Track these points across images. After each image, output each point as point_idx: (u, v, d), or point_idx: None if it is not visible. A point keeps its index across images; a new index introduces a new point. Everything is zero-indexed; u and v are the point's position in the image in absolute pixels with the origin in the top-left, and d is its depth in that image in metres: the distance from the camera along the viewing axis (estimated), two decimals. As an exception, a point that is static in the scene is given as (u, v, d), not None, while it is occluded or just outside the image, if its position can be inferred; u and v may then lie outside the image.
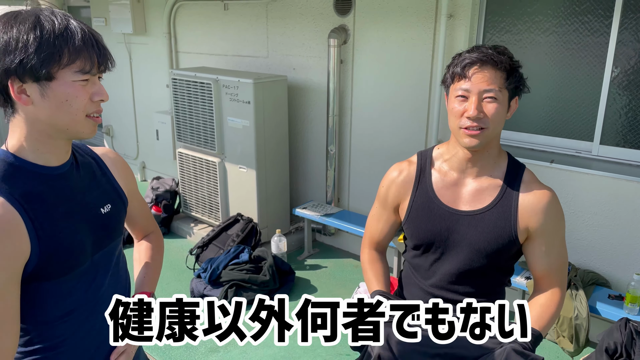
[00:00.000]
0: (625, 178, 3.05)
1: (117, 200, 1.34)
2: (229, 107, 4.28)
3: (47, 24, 1.06)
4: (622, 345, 2.49)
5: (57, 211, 1.15)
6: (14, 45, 1.04)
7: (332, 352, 3.22)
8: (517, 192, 1.46)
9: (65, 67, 1.07)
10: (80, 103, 1.10)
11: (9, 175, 1.10)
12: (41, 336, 1.20)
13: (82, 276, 1.21)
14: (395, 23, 3.82)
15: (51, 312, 1.18)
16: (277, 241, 4.19)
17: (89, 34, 1.10)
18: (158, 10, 5.59)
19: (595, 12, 3.15)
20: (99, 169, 1.32)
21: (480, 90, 1.37)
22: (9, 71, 1.05)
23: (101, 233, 1.26)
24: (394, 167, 1.62)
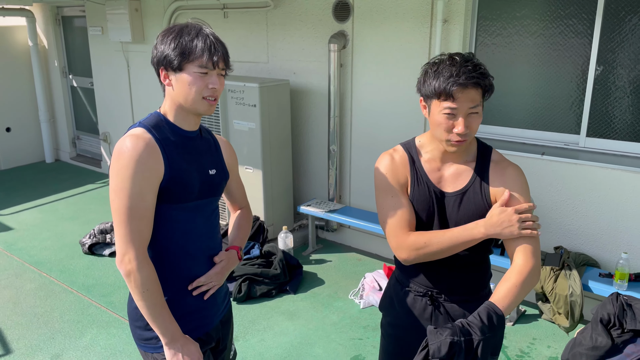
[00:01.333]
0: (611, 167, 3.33)
1: (221, 169, 1.76)
2: (234, 110, 4.47)
3: (185, 33, 1.54)
4: (615, 315, 2.75)
5: (182, 157, 1.60)
6: (162, 45, 1.56)
7: (345, 338, 3.42)
8: (487, 170, 1.67)
9: (190, 63, 1.53)
10: (198, 87, 1.55)
11: (157, 126, 1.59)
12: (153, 254, 1.62)
13: (190, 210, 1.63)
14: (392, 28, 4.07)
15: (160, 231, 1.60)
16: (284, 237, 4.39)
17: (210, 42, 1.55)
18: (157, 19, 5.75)
19: (579, 16, 3.43)
20: (214, 146, 1.79)
21: (467, 109, 1.53)
22: (159, 62, 1.57)
23: (205, 185, 1.67)
24: (383, 156, 1.73)
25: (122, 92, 6.46)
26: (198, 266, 1.69)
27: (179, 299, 1.67)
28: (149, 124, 1.58)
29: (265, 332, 3.50)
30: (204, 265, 1.71)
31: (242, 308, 3.79)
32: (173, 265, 1.64)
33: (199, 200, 1.65)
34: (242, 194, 1.99)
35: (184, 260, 1.65)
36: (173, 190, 1.56)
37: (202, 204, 1.67)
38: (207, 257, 1.72)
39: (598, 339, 2.71)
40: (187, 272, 1.67)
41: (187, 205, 1.62)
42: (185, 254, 1.65)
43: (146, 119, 1.60)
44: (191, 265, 1.67)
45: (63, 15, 7.25)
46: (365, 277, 4.03)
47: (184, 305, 1.68)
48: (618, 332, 2.72)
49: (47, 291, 4.03)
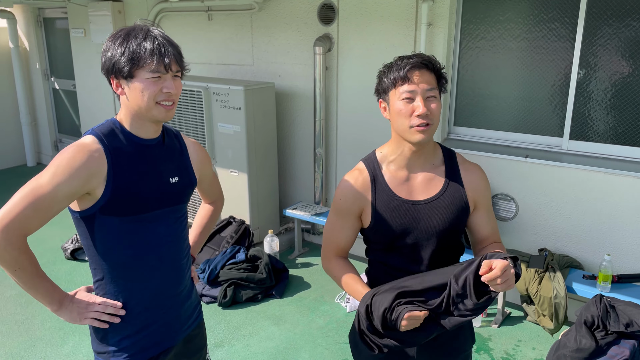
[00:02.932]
0: (593, 169, 3.36)
1: (185, 176, 1.70)
2: (219, 113, 4.44)
3: (132, 37, 1.47)
4: (599, 317, 2.77)
5: (135, 168, 1.54)
6: (110, 53, 1.48)
7: (331, 342, 3.41)
8: (458, 172, 1.70)
9: (141, 69, 1.47)
10: (151, 93, 1.48)
11: (111, 134, 1.53)
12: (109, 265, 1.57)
13: (143, 222, 1.57)
14: (377, 31, 4.07)
15: (116, 242, 1.55)
16: (270, 241, 4.36)
17: (160, 44, 1.47)
18: (140, 21, 5.69)
19: (561, 20, 3.46)
20: (180, 150, 1.71)
21: (424, 90, 1.55)
22: (108, 71, 1.50)
23: (165, 196, 1.62)
24: (347, 178, 1.71)
25: (105, 95, 6.38)
26: (160, 277, 1.63)
27: (139, 311, 1.62)
28: (101, 132, 1.52)
29: (251, 337, 3.47)
30: (168, 275, 1.65)
31: (227, 313, 3.76)
32: (133, 276, 1.59)
33: (158, 210, 1.59)
34: (215, 190, 1.96)
35: (144, 271, 1.60)
36: (121, 202, 1.51)
37: (162, 214, 1.61)
38: (171, 267, 1.65)
39: (582, 341, 2.73)
40: (148, 283, 1.61)
41: (144, 217, 1.56)
42: (146, 265, 1.59)
43: (100, 126, 1.54)
44: (152, 277, 1.61)
45: (44, 17, 7.15)
46: (352, 280, 4.01)
47: (144, 318, 1.63)
48: (602, 334, 2.74)
49: (28, 298, 3.95)
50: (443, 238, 1.66)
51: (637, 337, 2.72)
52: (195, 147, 1.79)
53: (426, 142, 1.60)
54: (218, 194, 1.99)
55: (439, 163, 1.70)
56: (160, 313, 1.65)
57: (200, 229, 1.97)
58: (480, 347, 3.34)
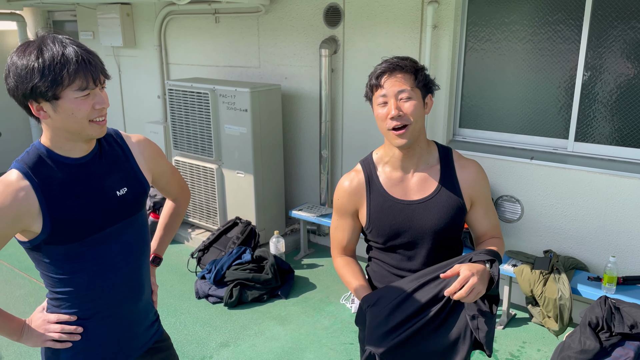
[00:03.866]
0: (599, 171, 3.37)
1: (135, 184, 1.58)
2: (226, 115, 4.48)
3: (47, 54, 1.30)
4: (603, 319, 2.77)
5: (71, 193, 1.42)
6: (25, 74, 1.30)
7: (336, 342, 3.43)
8: (453, 170, 1.72)
9: (67, 89, 1.32)
10: (83, 113, 1.35)
11: (38, 163, 1.40)
12: (63, 286, 1.50)
13: (92, 244, 1.47)
14: (383, 33, 4.09)
15: (68, 268, 1.46)
16: (276, 242, 4.39)
17: (83, 56, 1.33)
18: (148, 23, 5.75)
19: (566, 22, 3.47)
20: (123, 156, 1.58)
21: (395, 92, 1.59)
22: (26, 95, 1.33)
23: (114, 211, 1.51)
24: (343, 179, 1.77)
25: (113, 97, 6.44)
26: (118, 294, 1.56)
27: (94, 327, 1.56)
28: (27, 164, 1.38)
29: (256, 337, 3.49)
30: (126, 292, 1.58)
31: (233, 313, 3.79)
32: (88, 297, 1.52)
33: (108, 229, 1.50)
34: (176, 185, 1.84)
35: (100, 291, 1.52)
36: (63, 232, 1.41)
37: (114, 231, 1.51)
38: (129, 284, 1.59)
39: (586, 342, 2.73)
40: (104, 301, 1.54)
41: (92, 239, 1.46)
42: (102, 286, 1.52)
43: (25, 157, 1.40)
44: (109, 295, 1.54)
45: (54, 20, 7.22)
46: (357, 281, 4.03)
47: (100, 334, 1.57)
48: (606, 336, 2.74)
49: (37, 297, 4.00)
50: (438, 237, 1.69)
51: (642, 338, 2.72)
52: (142, 145, 1.64)
53: (408, 144, 1.62)
54: (180, 189, 1.87)
55: (434, 162, 1.72)
56: (117, 330, 1.60)
57: (163, 229, 1.88)
58: (484, 348, 3.35)
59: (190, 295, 4.03)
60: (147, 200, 1.66)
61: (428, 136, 4.02)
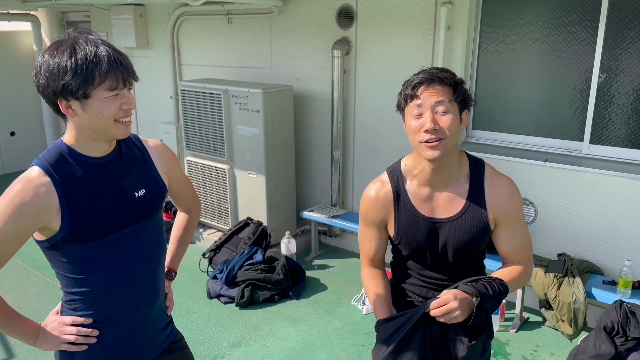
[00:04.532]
0: (614, 174, 3.33)
1: (153, 186, 1.60)
2: (238, 116, 4.49)
3: (80, 53, 1.33)
4: (619, 323, 2.74)
5: (90, 191, 1.44)
6: (57, 72, 1.33)
7: (347, 344, 3.42)
8: (482, 188, 1.64)
9: (97, 88, 1.35)
10: (111, 112, 1.38)
11: (59, 161, 1.42)
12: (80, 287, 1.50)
13: (109, 243, 1.48)
14: (396, 35, 4.08)
15: (85, 267, 1.47)
16: (287, 243, 4.39)
17: (115, 56, 1.36)
18: (161, 24, 5.79)
19: (582, 23, 3.44)
20: (142, 158, 1.60)
21: (432, 105, 1.53)
22: (56, 93, 1.35)
23: (132, 212, 1.52)
24: (369, 189, 1.73)
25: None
26: (133, 296, 1.57)
27: (109, 329, 1.56)
28: (48, 162, 1.41)
29: (267, 338, 3.49)
30: (141, 294, 1.59)
31: (244, 313, 3.79)
32: (104, 298, 1.53)
33: (125, 229, 1.51)
34: (188, 195, 1.85)
35: (115, 292, 1.53)
36: (81, 230, 1.42)
37: (130, 232, 1.52)
38: (144, 285, 1.59)
39: (601, 346, 2.71)
40: (119, 303, 1.55)
41: (109, 239, 1.48)
42: (117, 287, 1.53)
43: (47, 153, 1.43)
44: (124, 297, 1.55)
45: (68, 20, 7.29)
46: (368, 283, 4.02)
47: (115, 337, 1.57)
48: (622, 340, 2.71)
49: (51, 295, 4.03)
50: (461, 256, 1.68)
51: (658, 344, 2.68)
52: (159, 149, 1.67)
53: (440, 158, 1.56)
54: (192, 199, 1.87)
55: (464, 180, 1.66)
56: (132, 332, 1.60)
57: (177, 242, 1.88)
58: (497, 352, 3.33)
59: (202, 295, 4.05)
60: (163, 204, 1.67)
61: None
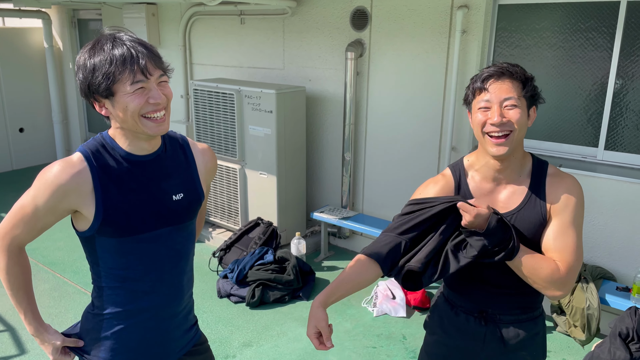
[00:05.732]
0: (629, 180, 3.33)
1: (192, 192, 1.58)
2: (250, 116, 4.50)
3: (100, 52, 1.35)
4: (634, 330, 2.74)
5: (127, 187, 1.44)
6: (83, 74, 1.37)
7: (359, 346, 3.42)
8: (544, 183, 1.60)
9: (118, 84, 1.35)
10: (135, 106, 1.37)
11: (99, 151, 1.44)
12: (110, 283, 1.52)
13: (143, 242, 1.49)
14: (410, 38, 4.09)
15: (118, 262, 1.49)
16: (297, 243, 4.39)
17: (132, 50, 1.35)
18: (173, 23, 5.80)
19: (599, 29, 3.44)
20: (185, 162, 1.58)
21: (501, 99, 1.52)
22: (87, 94, 1.40)
23: (167, 215, 1.51)
24: (427, 182, 1.70)
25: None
26: (160, 297, 1.57)
27: (134, 330, 1.56)
28: (90, 149, 1.43)
29: (279, 338, 3.49)
30: (167, 296, 1.58)
31: (255, 313, 3.79)
32: (131, 296, 1.53)
33: (158, 230, 1.50)
34: (203, 205, 1.82)
35: (143, 291, 1.54)
36: (115, 223, 1.43)
37: (163, 234, 1.51)
38: (171, 288, 1.59)
39: (616, 353, 2.70)
40: (146, 303, 1.55)
41: (143, 237, 1.48)
42: (145, 286, 1.53)
43: (90, 142, 1.46)
44: (151, 297, 1.55)
45: (79, 18, 7.31)
46: (379, 285, 4.03)
47: (139, 337, 1.57)
48: (637, 347, 2.71)
49: (61, 292, 4.04)
50: None
51: (674, 351, 2.68)
52: (206, 156, 1.65)
53: (507, 153, 1.53)
54: (203, 211, 1.86)
55: (526, 175, 1.62)
56: (156, 332, 1.59)
57: None
58: (509, 356, 3.32)
59: (212, 294, 4.05)
60: (198, 211, 1.65)
61: (454, 141, 4.01)
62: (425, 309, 3.86)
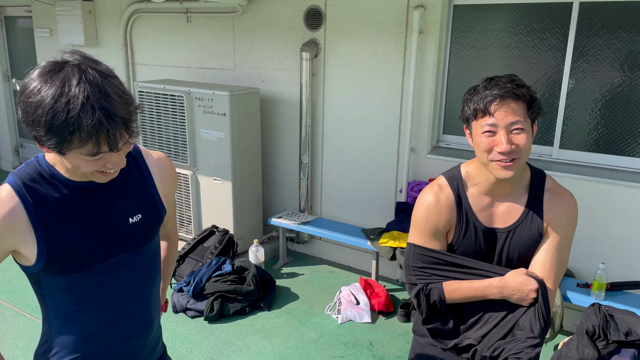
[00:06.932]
0: (583, 178, 3.40)
1: (151, 210, 1.40)
2: (202, 119, 4.28)
3: (62, 103, 1.06)
4: (599, 327, 2.78)
5: (74, 217, 1.25)
6: (32, 117, 1.09)
7: (326, 356, 3.31)
8: (541, 199, 1.58)
9: (74, 150, 1.12)
10: (89, 169, 1.18)
11: (35, 179, 1.23)
12: (60, 325, 1.33)
13: (97, 274, 1.30)
14: (366, 38, 4.02)
15: (68, 301, 1.30)
16: (255, 251, 4.23)
17: (101, 118, 1.08)
18: (112, 21, 5.46)
19: (552, 30, 3.50)
20: (140, 178, 1.39)
21: (507, 124, 1.44)
22: (30, 133, 1.13)
23: (125, 240, 1.34)
24: (426, 194, 1.62)
25: (73, 98, 6.09)
26: (123, 330, 1.40)
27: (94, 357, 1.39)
28: (22, 179, 1.22)
29: (241, 353, 3.33)
30: (133, 328, 1.42)
31: (215, 328, 3.60)
32: (90, 334, 1.35)
33: (115, 258, 1.33)
34: (172, 220, 1.67)
35: (104, 327, 1.36)
36: (62, 260, 1.24)
37: (122, 260, 1.34)
38: (136, 318, 1.42)
39: (585, 350, 2.73)
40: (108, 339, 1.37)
41: (96, 269, 1.30)
42: (105, 321, 1.35)
43: (23, 170, 1.24)
44: (113, 331, 1.38)
45: (6, 16, 6.78)
46: (341, 290, 3.93)
47: None
48: (603, 344, 2.75)
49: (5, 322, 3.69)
50: (515, 265, 1.60)
51: (637, 345, 2.74)
52: (162, 166, 1.46)
53: (513, 178, 1.49)
54: (173, 224, 1.69)
55: (524, 190, 1.59)
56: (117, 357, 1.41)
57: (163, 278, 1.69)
58: (476, 357, 3.32)
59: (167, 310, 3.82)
60: (159, 228, 1.47)
61: (413, 142, 3.98)
62: (389, 313, 3.80)
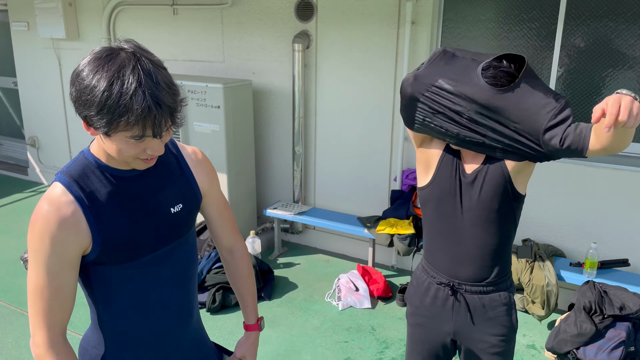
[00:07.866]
0: (575, 162, 3.55)
1: (190, 199, 1.43)
2: (195, 112, 4.27)
3: (116, 88, 1.11)
4: (595, 302, 2.93)
5: (121, 208, 1.29)
6: (84, 99, 1.14)
7: (330, 342, 3.38)
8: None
9: (121, 132, 1.16)
10: (131, 153, 1.22)
11: (84, 175, 1.28)
12: (109, 315, 1.37)
13: (145, 266, 1.35)
14: (358, 29, 4.07)
15: (115, 291, 1.34)
16: (252, 242, 4.26)
17: (151, 104, 1.13)
18: (94, 14, 5.37)
19: (541, 20, 3.62)
20: (178, 168, 1.43)
21: None
22: (80, 114, 1.19)
23: (167, 230, 1.38)
24: None
25: (53, 93, 5.96)
26: (164, 322, 1.43)
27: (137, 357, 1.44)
28: (72, 176, 1.26)
29: (248, 343, 3.36)
30: (172, 320, 1.45)
31: (218, 319, 3.63)
32: (133, 323, 1.39)
33: (160, 250, 1.37)
34: (228, 224, 1.59)
35: (146, 318, 1.40)
36: (114, 251, 1.29)
37: (166, 252, 1.39)
38: (176, 311, 1.45)
39: (583, 325, 2.88)
40: (149, 329, 1.42)
41: (144, 261, 1.34)
42: (147, 312, 1.39)
43: (71, 167, 1.28)
44: (154, 323, 1.42)
45: (-22, 8, 6.56)
46: (340, 278, 4.01)
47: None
48: (600, 318, 2.90)
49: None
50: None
51: (631, 319, 2.90)
52: (199, 158, 1.50)
53: None
54: (233, 231, 1.61)
55: None
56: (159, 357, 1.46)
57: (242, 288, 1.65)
58: (475, 337, 3.44)
59: (168, 303, 3.82)
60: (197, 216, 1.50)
61: (407, 133, 4.06)
62: (388, 299, 3.90)
